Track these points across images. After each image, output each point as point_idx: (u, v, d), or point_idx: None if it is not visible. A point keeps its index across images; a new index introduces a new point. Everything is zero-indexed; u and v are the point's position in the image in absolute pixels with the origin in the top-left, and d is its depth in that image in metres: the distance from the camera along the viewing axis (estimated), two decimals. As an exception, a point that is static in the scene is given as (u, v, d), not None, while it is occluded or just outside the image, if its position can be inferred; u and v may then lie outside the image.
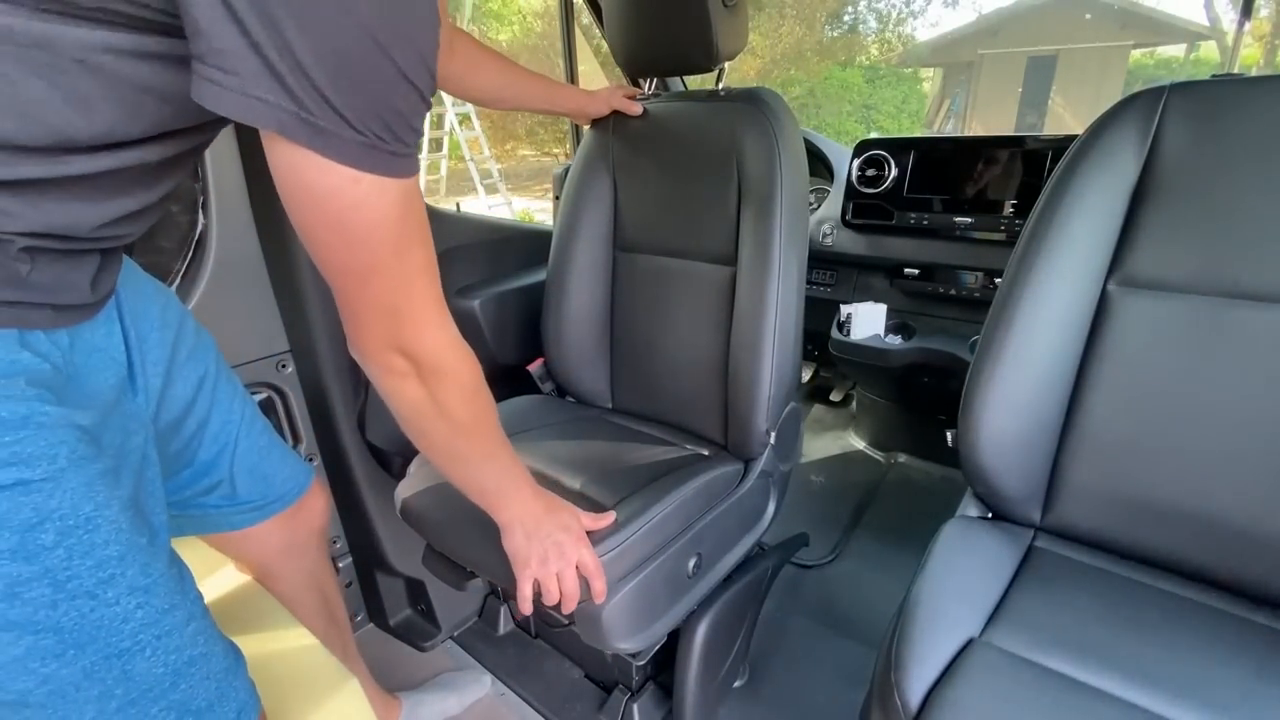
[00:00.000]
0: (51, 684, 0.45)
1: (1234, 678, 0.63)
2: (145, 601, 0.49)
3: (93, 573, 0.46)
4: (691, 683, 1.00)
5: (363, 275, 0.51)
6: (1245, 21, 0.96)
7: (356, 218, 0.47)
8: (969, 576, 0.76)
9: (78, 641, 0.46)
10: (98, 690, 0.47)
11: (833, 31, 11.88)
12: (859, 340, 1.55)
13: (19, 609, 0.43)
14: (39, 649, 0.44)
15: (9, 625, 0.43)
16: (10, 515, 0.42)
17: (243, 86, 0.40)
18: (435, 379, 0.60)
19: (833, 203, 1.63)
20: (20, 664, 0.44)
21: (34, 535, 0.43)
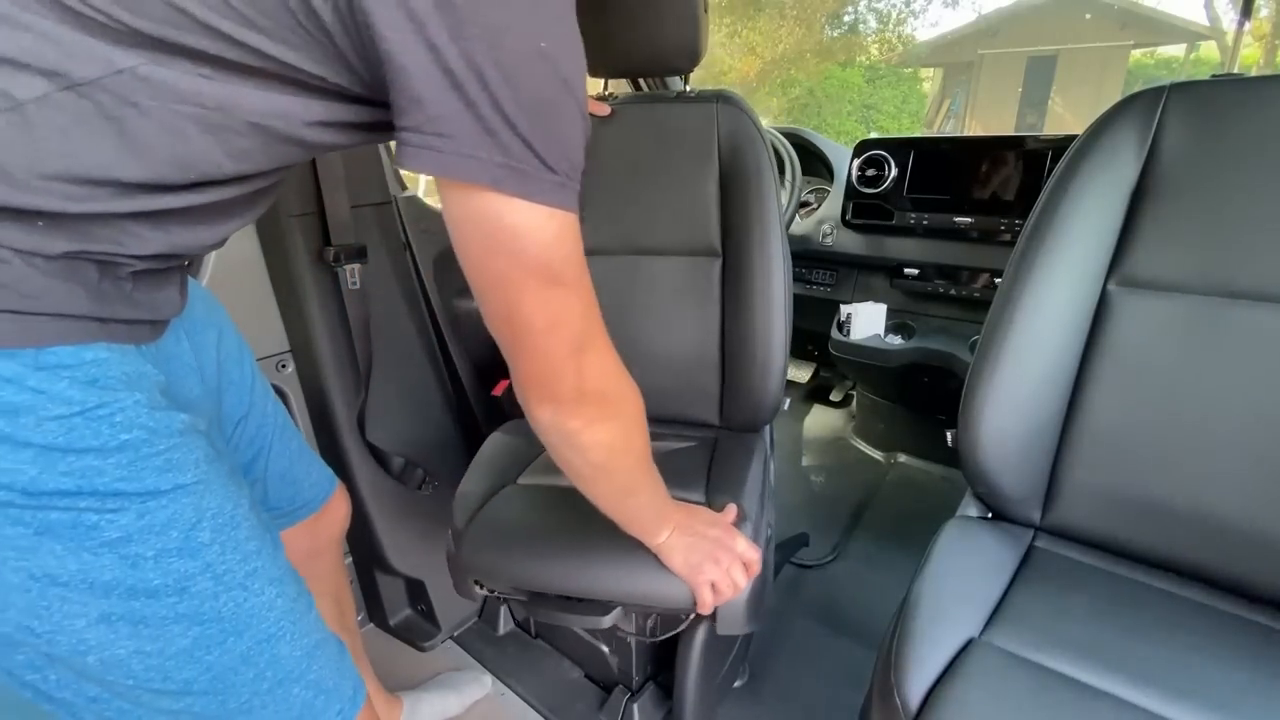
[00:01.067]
0: (214, 671, 0.49)
1: (1234, 678, 0.63)
2: (282, 591, 0.54)
3: (241, 565, 0.50)
4: (691, 683, 1.00)
5: (556, 318, 0.52)
6: (1245, 21, 0.96)
7: (552, 254, 0.48)
8: (969, 576, 0.76)
9: (236, 629, 0.50)
10: (252, 674, 0.51)
11: (833, 31, 11.87)
12: (859, 340, 1.55)
13: (187, 602, 0.47)
14: (204, 638, 0.48)
15: (179, 618, 0.47)
16: (177, 516, 0.47)
17: (459, 148, 0.42)
18: (624, 408, 0.61)
19: (833, 203, 1.64)
20: (187, 654, 0.48)
21: (195, 534, 0.48)
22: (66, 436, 0.42)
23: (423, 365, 1.25)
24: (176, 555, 0.47)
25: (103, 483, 0.44)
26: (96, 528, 0.44)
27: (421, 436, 1.24)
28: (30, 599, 0.43)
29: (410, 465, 1.18)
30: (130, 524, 0.45)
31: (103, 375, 0.44)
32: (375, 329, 1.11)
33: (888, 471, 1.88)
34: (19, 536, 0.42)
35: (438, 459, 1.26)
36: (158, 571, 0.46)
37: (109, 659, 0.46)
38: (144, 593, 0.46)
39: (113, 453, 0.44)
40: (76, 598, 0.44)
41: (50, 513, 0.42)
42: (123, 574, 0.45)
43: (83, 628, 0.45)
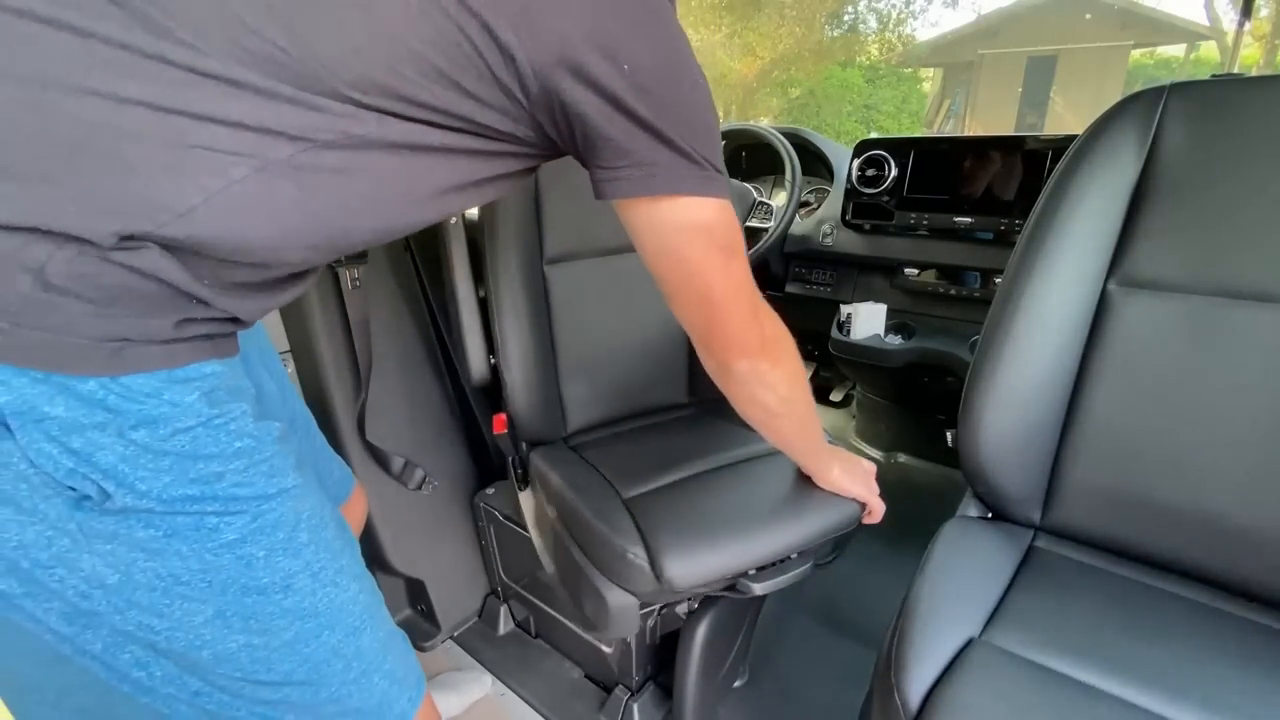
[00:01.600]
0: (311, 662, 0.53)
1: (1234, 678, 0.63)
2: (363, 586, 0.58)
3: (332, 562, 0.54)
4: (691, 683, 1.00)
5: (740, 284, 0.62)
6: (1245, 21, 0.96)
7: (730, 233, 0.59)
8: (969, 576, 0.76)
9: (330, 623, 0.54)
10: (341, 665, 0.55)
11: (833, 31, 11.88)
12: (859, 340, 1.55)
13: (291, 598, 0.51)
14: (304, 632, 0.52)
15: (284, 613, 0.51)
16: (283, 518, 0.51)
17: (667, 173, 0.52)
18: (788, 357, 0.70)
19: (833, 203, 1.63)
20: (290, 647, 0.52)
21: (296, 534, 0.52)
22: (193, 445, 0.46)
23: (423, 365, 1.25)
24: (282, 554, 0.51)
25: (222, 488, 0.48)
26: (217, 530, 0.48)
27: (421, 436, 1.24)
28: (155, 597, 0.47)
29: (410, 465, 1.18)
30: (245, 526, 0.49)
31: (217, 388, 0.48)
32: (375, 329, 1.11)
33: (888, 471, 1.88)
34: (150, 540, 0.46)
35: (438, 459, 1.26)
36: (267, 570, 0.50)
37: (221, 653, 0.49)
38: (255, 590, 0.50)
39: (230, 459, 0.48)
40: (197, 595, 0.48)
41: (178, 517, 0.46)
42: (238, 573, 0.49)
43: (200, 624, 0.48)
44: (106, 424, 0.43)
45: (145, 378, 0.44)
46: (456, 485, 1.30)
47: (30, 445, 0.42)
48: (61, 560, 0.45)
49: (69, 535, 0.44)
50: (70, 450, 0.43)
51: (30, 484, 0.43)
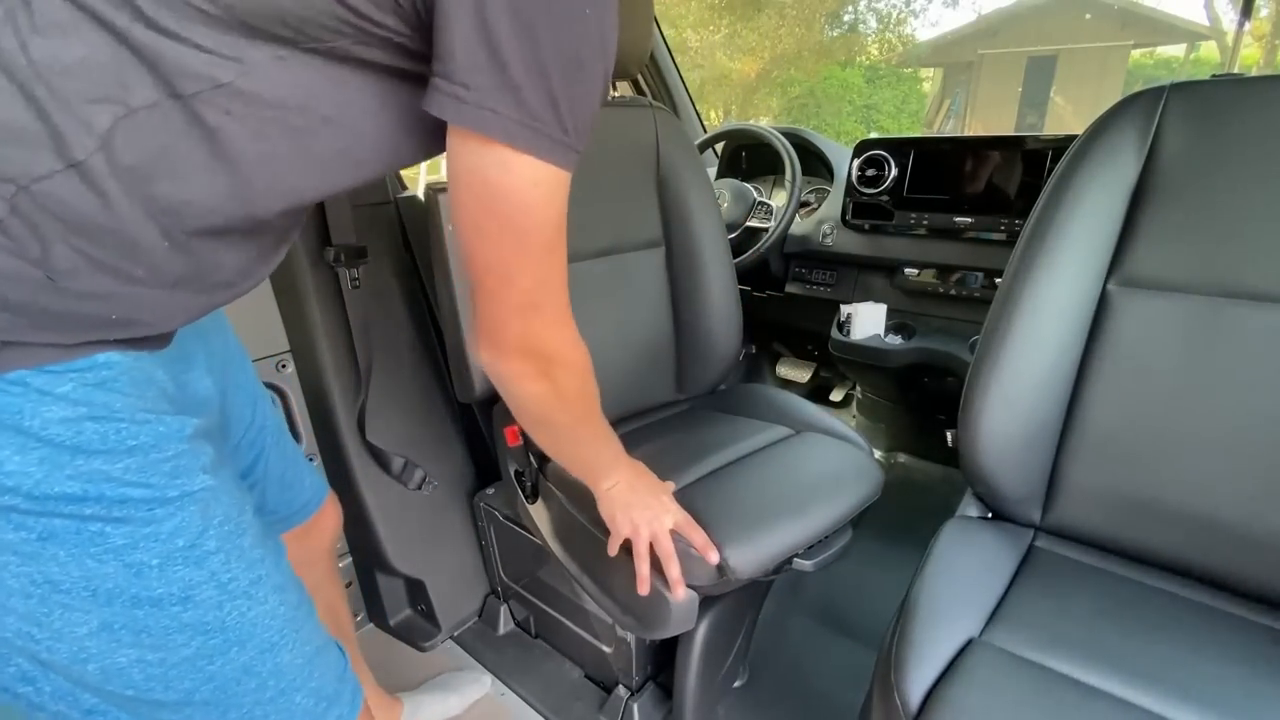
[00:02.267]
0: (216, 681, 0.49)
1: (1234, 678, 0.63)
2: (284, 598, 0.53)
3: (246, 573, 0.50)
4: (691, 683, 1.00)
5: (516, 270, 0.53)
6: (1245, 21, 0.96)
7: (538, 212, 0.50)
8: (969, 576, 0.76)
9: (239, 639, 0.49)
10: (254, 683, 0.50)
11: (832, 31, 11.88)
12: (859, 340, 1.55)
13: (191, 611, 0.47)
14: (207, 648, 0.48)
15: (183, 627, 0.46)
16: (184, 525, 0.46)
17: (480, 100, 0.43)
18: (563, 372, 0.62)
19: (833, 203, 1.63)
20: (190, 663, 0.47)
21: (201, 542, 0.47)
22: (75, 437, 0.42)
23: (423, 365, 1.25)
24: (182, 564, 0.46)
25: (109, 488, 0.43)
26: (101, 535, 0.43)
27: (421, 436, 1.24)
28: (31, 605, 0.42)
29: (410, 465, 1.18)
30: (135, 531, 0.44)
31: (112, 379, 0.44)
32: (375, 329, 1.11)
33: (888, 471, 1.88)
34: (22, 542, 0.41)
35: (437, 459, 1.26)
36: (162, 580, 0.45)
37: (109, 667, 0.45)
38: (148, 601, 0.45)
39: (121, 457, 0.43)
40: (78, 605, 0.43)
41: (54, 519, 0.42)
42: (126, 582, 0.44)
43: (83, 635, 0.44)
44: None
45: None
46: (456, 485, 1.30)
47: None
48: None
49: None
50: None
51: None
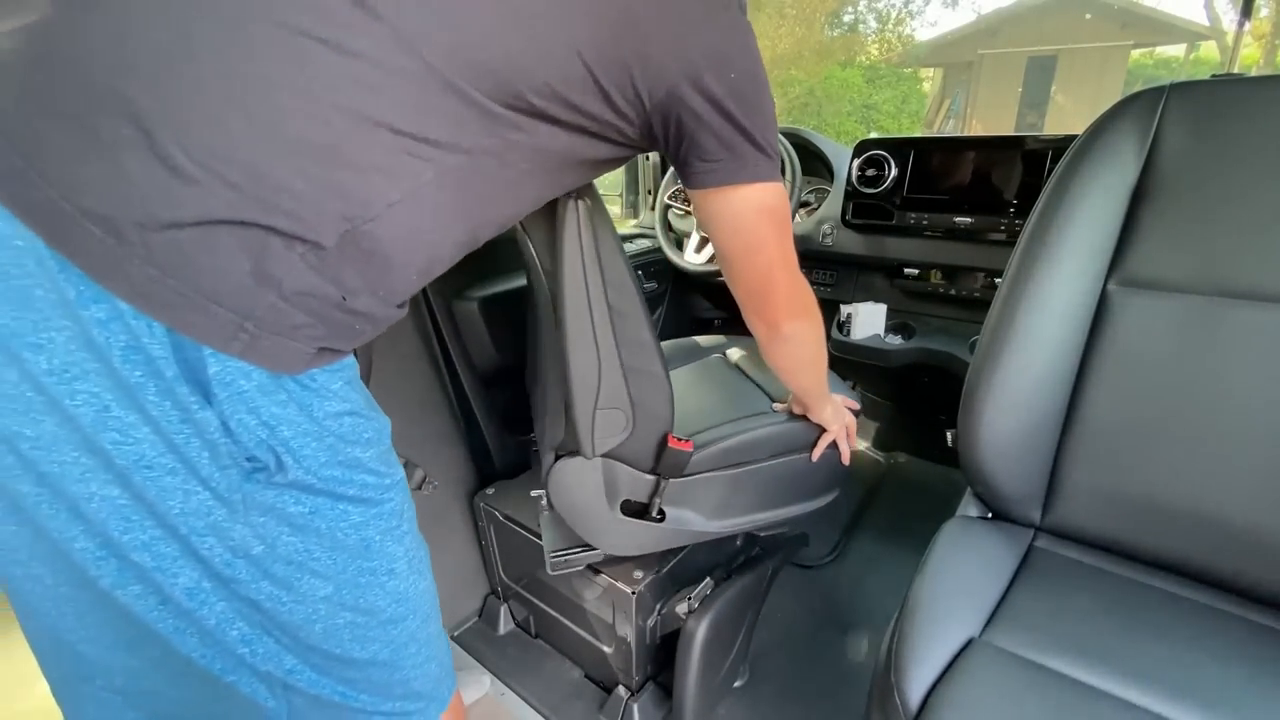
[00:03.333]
0: (394, 644, 0.58)
1: (1234, 678, 0.63)
2: (431, 578, 0.64)
3: (418, 552, 0.60)
4: (691, 682, 1.00)
5: (789, 257, 0.72)
6: (1245, 21, 0.96)
7: (787, 215, 0.69)
8: (969, 576, 0.76)
9: (414, 608, 0.59)
10: (415, 648, 0.60)
11: (832, 31, 11.88)
12: (859, 340, 1.55)
13: (394, 581, 0.57)
14: (398, 614, 0.58)
15: (386, 594, 0.56)
16: (395, 507, 0.57)
17: (746, 164, 0.62)
18: (819, 317, 0.82)
19: (833, 203, 1.63)
20: (384, 627, 0.57)
21: (401, 523, 0.58)
22: (349, 429, 0.51)
23: (423, 365, 1.25)
24: (392, 540, 0.56)
25: (359, 474, 0.52)
26: (347, 513, 0.52)
27: (421, 437, 1.24)
28: (290, 571, 0.51)
29: (410, 465, 1.17)
30: (368, 510, 0.53)
31: (354, 378, 0.54)
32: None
33: (888, 471, 1.88)
34: (299, 515, 0.50)
35: (438, 459, 1.26)
36: (380, 554, 0.55)
37: (330, 628, 0.54)
38: (368, 571, 0.54)
39: (368, 445, 0.53)
40: (323, 571, 0.52)
41: (321, 497, 0.51)
42: (358, 553, 0.53)
43: (319, 599, 0.52)
44: (288, 401, 0.48)
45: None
46: (456, 485, 1.30)
47: (233, 414, 0.46)
48: (215, 529, 0.48)
49: (229, 505, 0.48)
50: (263, 421, 0.47)
51: (214, 452, 0.47)
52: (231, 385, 0.46)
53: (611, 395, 0.85)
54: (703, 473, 0.96)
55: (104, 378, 0.44)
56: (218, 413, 0.46)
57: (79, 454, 0.44)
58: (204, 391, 0.46)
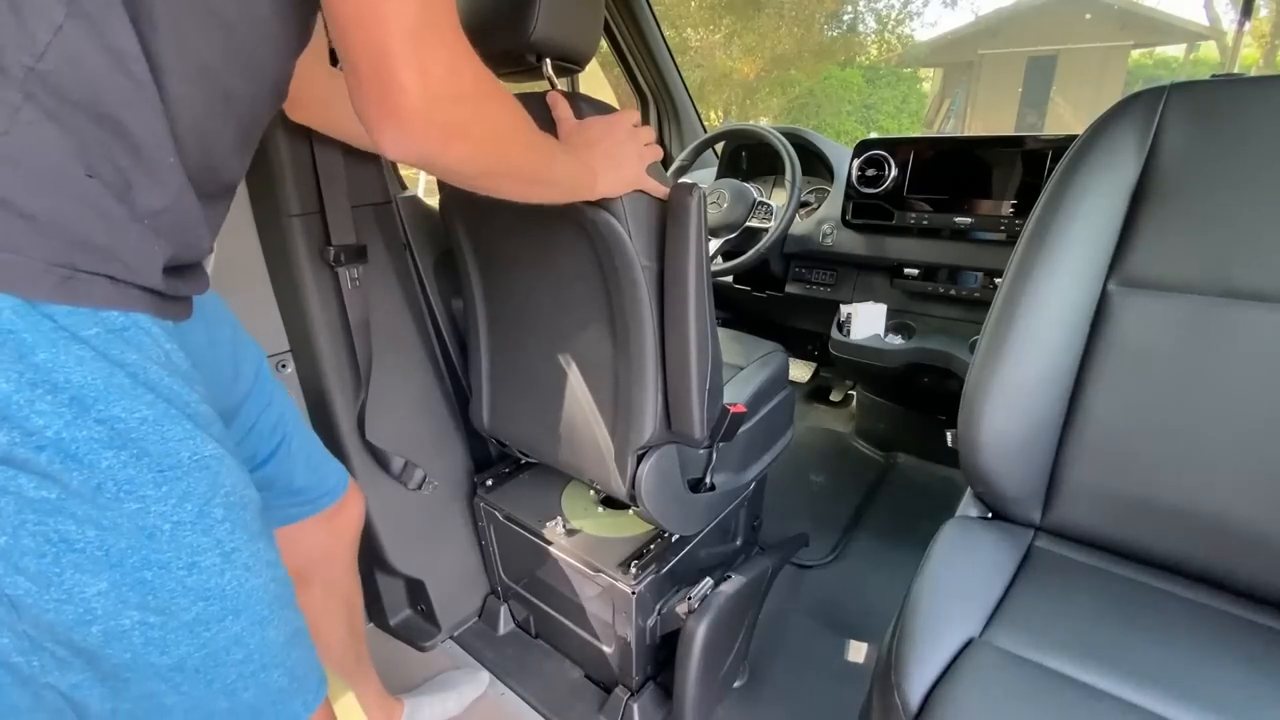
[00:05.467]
0: (209, 649, 0.49)
1: (1234, 678, 0.63)
2: (275, 575, 0.54)
3: (247, 545, 0.50)
4: (691, 683, 1.00)
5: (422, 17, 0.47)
6: (1245, 21, 0.96)
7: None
8: (969, 576, 0.76)
9: (235, 608, 0.50)
10: (241, 654, 0.51)
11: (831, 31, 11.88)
12: (859, 340, 1.55)
13: (195, 577, 0.47)
14: (206, 614, 0.48)
15: (185, 591, 0.47)
16: (192, 490, 0.47)
17: None
18: (497, 100, 0.54)
19: (833, 203, 1.63)
20: (189, 628, 0.47)
21: (209, 509, 0.48)
22: (101, 386, 0.42)
23: (423, 365, 1.25)
24: (190, 529, 0.47)
25: (130, 446, 0.43)
26: (117, 497, 0.43)
27: (421, 436, 1.24)
28: (44, 565, 0.42)
29: (410, 465, 1.18)
30: (150, 494, 0.44)
31: (140, 339, 0.44)
32: (375, 329, 1.11)
33: (888, 471, 1.88)
34: (42, 501, 0.41)
35: (438, 459, 1.26)
36: (172, 544, 0.46)
37: (112, 630, 0.45)
38: (157, 564, 0.45)
39: (143, 410, 0.44)
40: (89, 565, 0.43)
41: (74, 474, 0.42)
42: (138, 543, 0.44)
43: (92, 596, 0.44)
44: (3, 342, 0.38)
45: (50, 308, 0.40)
46: (456, 485, 1.30)
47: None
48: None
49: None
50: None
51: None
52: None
53: (714, 377, 0.91)
54: (742, 428, 1.03)
55: None
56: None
57: None
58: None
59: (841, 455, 1.98)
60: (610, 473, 0.97)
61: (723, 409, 0.97)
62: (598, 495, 1.23)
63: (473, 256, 1.04)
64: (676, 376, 0.88)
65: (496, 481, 1.27)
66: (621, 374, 0.91)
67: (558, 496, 1.23)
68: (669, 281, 0.84)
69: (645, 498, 0.95)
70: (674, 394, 0.90)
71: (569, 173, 0.70)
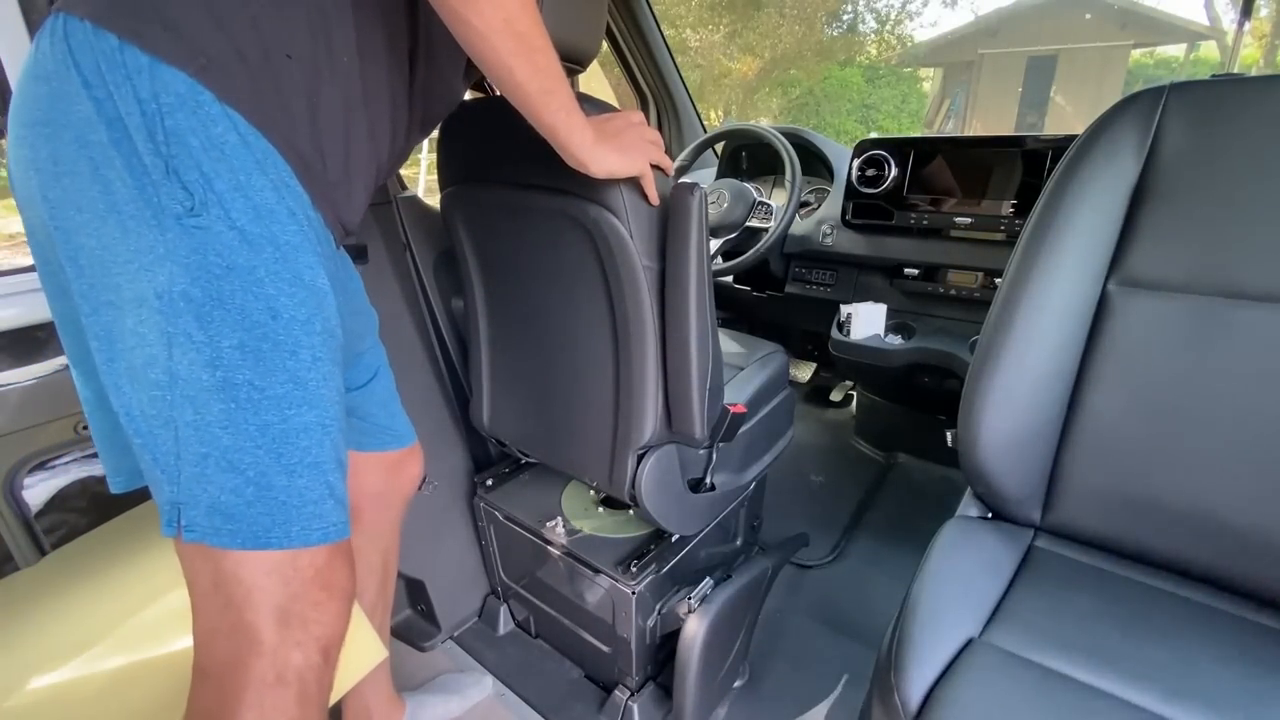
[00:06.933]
0: (287, 425, 0.54)
1: (1234, 678, 0.63)
2: (339, 403, 0.60)
3: (329, 359, 0.58)
4: (691, 683, 1.00)
5: None
6: (1245, 21, 0.96)
7: None
8: (969, 576, 0.76)
9: (310, 400, 0.55)
10: (307, 442, 0.55)
11: (832, 31, 11.88)
12: (859, 340, 1.55)
13: (294, 361, 0.54)
14: (291, 396, 0.54)
15: (284, 370, 0.54)
16: (307, 300, 0.55)
17: None
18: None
19: (833, 203, 1.63)
20: (275, 402, 0.54)
21: (314, 321, 0.56)
22: (275, 201, 0.53)
23: (423, 365, 1.25)
24: (302, 327, 0.55)
25: (280, 246, 0.53)
26: (257, 277, 0.52)
27: (421, 436, 1.24)
28: (206, 297, 0.50)
29: (410, 465, 1.18)
30: (284, 289, 0.53)
31: (295, 190, 0.55)
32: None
33: (888, 471, 1.88)
34: (225, 246, 0.50)
35: (437, 459, 1.26)
36: (287, 330, 0.54)
37: (227, 381, 0.52)
38: (273, 340, 0.53)
39: (290, 233, 0.54)
40: (230, 322, 0.51)
41: (249, 229, 0.51)
42: (265, 319, 0.53)
43: (227, 348, 0.51)
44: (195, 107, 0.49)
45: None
46: (456, 485, 1.30)
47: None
48: (141, 255, 0.49)
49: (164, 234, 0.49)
50: (164, 127, 0.48)
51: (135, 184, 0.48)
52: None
53: (715, 377, 0.91)
54: (743, 429, 1.03)
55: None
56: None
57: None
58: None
59: (841, 455, 1.98)
60: (610, 472, 0.97)
61: (723, 409, 0.97)
62: (598, 495, 1.23)
63: (473, 256, 1.04)
64: (677, 376, 0.88)
65: (496, 481, 1.27)
66: (622, 374, 0.91)
67: (558, 496, 1.23)
68: (670, 281, 0.84)
69: (645, 498, 0.95)
70: (674, 394, 0.90)
71: (573, 108, 0.66)
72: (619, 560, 1.05)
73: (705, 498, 1.07)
